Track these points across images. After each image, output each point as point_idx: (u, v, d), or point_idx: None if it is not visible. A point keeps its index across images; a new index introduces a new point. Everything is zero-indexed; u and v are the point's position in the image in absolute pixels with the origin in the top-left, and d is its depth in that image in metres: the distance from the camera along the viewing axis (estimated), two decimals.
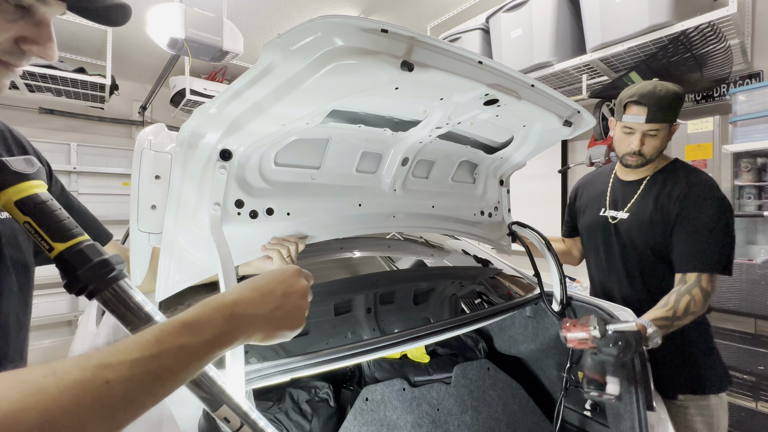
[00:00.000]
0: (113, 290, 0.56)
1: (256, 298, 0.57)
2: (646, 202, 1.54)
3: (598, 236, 1.69)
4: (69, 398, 0.37)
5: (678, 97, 1.46)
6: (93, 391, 0.38)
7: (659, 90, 1.45)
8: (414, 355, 1.73)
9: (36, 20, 0.55)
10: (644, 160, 1.54)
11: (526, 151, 1.44)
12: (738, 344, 2.14)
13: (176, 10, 2.53)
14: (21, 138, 0.81)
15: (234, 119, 0.89)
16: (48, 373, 0.38)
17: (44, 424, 0.35)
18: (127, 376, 0.40)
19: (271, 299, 0.59)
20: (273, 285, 0.60)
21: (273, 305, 0.58)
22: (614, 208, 1.65)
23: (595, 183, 1.81)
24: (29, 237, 0.57)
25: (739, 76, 2.77)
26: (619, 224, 1.60)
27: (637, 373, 1.27)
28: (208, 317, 0.51)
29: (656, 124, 1.47)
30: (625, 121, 1.52)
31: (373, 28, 0.75)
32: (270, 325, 0.58)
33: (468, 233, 1.58)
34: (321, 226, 1.22)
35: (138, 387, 0.41)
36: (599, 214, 1.68)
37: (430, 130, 1.20)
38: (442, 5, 3.64)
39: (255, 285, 0.60)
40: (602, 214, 1.67)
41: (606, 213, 1.66)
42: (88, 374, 0.38)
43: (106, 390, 0.38)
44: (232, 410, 0.59)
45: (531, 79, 1.04)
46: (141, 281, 1.05)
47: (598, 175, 1.84)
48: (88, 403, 0.37)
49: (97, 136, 5.08)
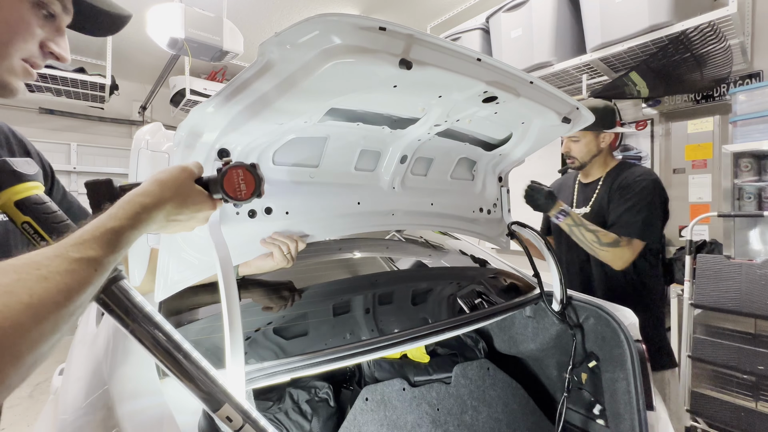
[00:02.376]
0: (111, 292, 0.56)
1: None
2: (601, 197, 1.88)
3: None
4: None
5: (594, 109, 1.70)
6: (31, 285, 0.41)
7: (582, 101, 1.69)
8: (414, 355, 1.73)
9: (57, 26, 0.65)
10: (579, 163, 1.93)
11: (525, 147, 1.44)
12: (738, 344, 2.13)
13: (176, 10, 2.53)
14: (24, 140, 0.82)
15: (231, 118, 0.89)
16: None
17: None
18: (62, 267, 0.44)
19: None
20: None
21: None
22: (579, 206, 1.99)
23: (563, 188, 2.15)
24: (26, 238, 0.57)
25: (739, 76, 2.77)
26: (585, 218, 1.87)
27: (636, 373, 1.27)
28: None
29: (577, 132, 1.74)
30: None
31: (371, 26, 0.75)
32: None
33: (467, 230, 1.58)
34: (320, 224, 1.22)
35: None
36: None
37: (428, 127, 1.19)
38: (442, 5, 3.64)
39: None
40: None
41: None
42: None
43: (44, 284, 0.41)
44: (234, 409, 0.59)
45: (530, 76, 1.04)
46: (140, 282, 1.05)
47: (565, 180, 2.19)
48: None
49: (97, 136, 5.08)
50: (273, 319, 1.27)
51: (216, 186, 0.73)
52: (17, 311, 0.38)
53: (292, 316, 1.34)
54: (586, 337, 1.48)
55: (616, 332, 1.36)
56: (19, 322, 0.37)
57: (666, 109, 3.18)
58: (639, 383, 1.26)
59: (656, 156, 3.34)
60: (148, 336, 0.57)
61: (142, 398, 0.83)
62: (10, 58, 0.60)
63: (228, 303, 0.76)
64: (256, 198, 0.77)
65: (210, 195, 0.72)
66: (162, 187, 0.62)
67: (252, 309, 1.30)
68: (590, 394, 1.49)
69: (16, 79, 0.64)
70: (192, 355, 0.60)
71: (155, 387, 0.84)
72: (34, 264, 0.42)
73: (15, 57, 0.61)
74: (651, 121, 3.36)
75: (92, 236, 0.49)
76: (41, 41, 0.63)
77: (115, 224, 0.52)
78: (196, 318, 1.27)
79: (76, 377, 1.03)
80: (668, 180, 3.18)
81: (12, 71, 0.62)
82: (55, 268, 0.43)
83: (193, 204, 0.67)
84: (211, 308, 1.23)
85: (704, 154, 2.89)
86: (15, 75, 0.63)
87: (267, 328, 1.22)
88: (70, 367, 1.22)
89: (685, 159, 2.98)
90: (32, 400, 3.31)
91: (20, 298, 0.38)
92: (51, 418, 1.11)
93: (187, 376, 0.58)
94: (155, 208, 0.59)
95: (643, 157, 3.40)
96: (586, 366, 1.46)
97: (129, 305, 0.57)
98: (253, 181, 0.75)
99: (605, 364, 1.40)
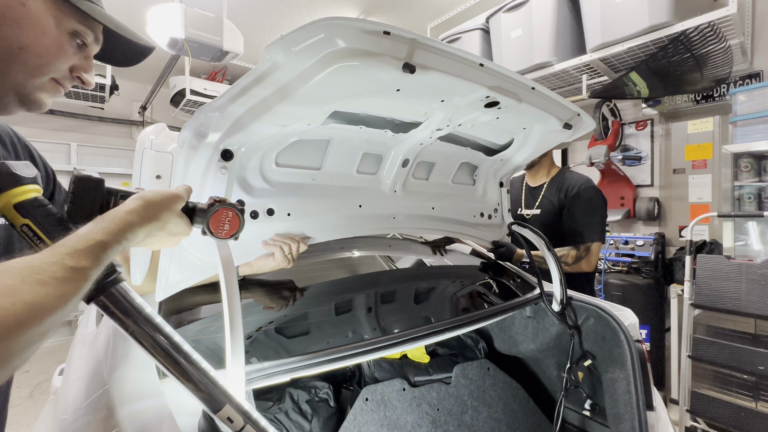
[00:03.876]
0: (111, 294, 0.56)
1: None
2: (547, 200, 2.13)
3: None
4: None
5: None
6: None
7: None
8: (414, 355, 1.73)
9: (86, 54, 0.74)
10: (528, 169, 2.22)
11: (526, 153, 1.44)
12: (738, 344, 2.14)
13: (176, 10, 2.53)
14: (28, 143, 0.84)
15: (236, 120, 0.89)
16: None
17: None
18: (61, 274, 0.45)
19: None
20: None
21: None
22: (528, 207, 2.23)
23: (514, 187, 2.34)
24: (24, 241, 0.57)
25: (739, 76, 2.78)
26: (532, 218, 2.17)
27: (637, 373, 1.27)
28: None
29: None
30: None
31: (376, 30, 0.75)
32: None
33: (467, 235, 1.58)
34: (321, 226, 1.22)
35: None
36: (518, 212, 2.26)
37: (430, 131, 1.20)
38: (442, 5, 3.64)
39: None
40: (520, 212, 2.26)
41: (522, 211, 2.25)
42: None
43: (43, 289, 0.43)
44: (235, 410, 0.60)
45: (531, 82, 1.04)
46: (141, 282, 1.05)
47: (514, 181, 2.38)
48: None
49: (97, 136, 5.08)
50: (274, 318, 1.28)
51: (201, 219, 0.76)
52: (20, 311, 0.39)
53: (293, 315, 1.34)
54: (586, 337, 1.49)
55: (616, 332, 1.37)
56: (21, 321, 0.39)
57: (666, 109, 3.18)
58: (639, 383, 1.26)
59: (656, 156, 3.35)
60: (148, 338, 0.58)
61: (143, 398, 0.83)
62: (44, 77, 0.68)
63: (229, 303, 0.76)
64: (233, 240, 0.80)
65: (191, 223, 0.75)
66: (149, 209, 0.65)
67: (253, 308, 1.30)
68: (588, 392, 1.50)
69: (46, 95, 0.71)
70: (192, 356, 0.60)
71: (155, 387, 0.84)
72: (34, 268, 0.44)
73: (48, 77, 0.69)
74: (651, 121, 3.36)
75: (84, 247, 0.50)
76: (71, 66, 0.71)
77: (104, 238, 0.54)
78: (197, 318, 1.27)
79: (76, 377, 1.03)
80: (668, 180, 3.19)
81: (44, 89, 0.70)
82: (53, 275, 0.44)
83: (172, 228, 0.71)
84: (212, 308, 1.23)
85: (704, 155, 2.90)
86: (46, 92, 0.71)
87: (269, 327, 1.23)
88: (70, 367, 1.22)
89: (685, 159, 2.99)
90: (32, 400, 3.32)
91: (24, 298, 0.40)
92: (51, 418, 1.11)
93: (188, 378, 0.59)
94: (139, 226, 0.62)
95: (643, 157, 3.40)
96: (582, 365, 1.47)
97: (129, 307, 0.57)
98: (237, 225, 0.79)
99: (605, 364, 1.40)
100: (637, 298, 2.89)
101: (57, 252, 0.48)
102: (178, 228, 0.72)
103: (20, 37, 0.63)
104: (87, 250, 0.50)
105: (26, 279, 0.42)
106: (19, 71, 0.65)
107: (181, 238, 0.76)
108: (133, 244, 0.63)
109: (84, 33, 0.71)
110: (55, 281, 0.44)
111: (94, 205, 0.64)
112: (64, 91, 0.74)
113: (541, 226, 2.07)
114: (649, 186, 3.38)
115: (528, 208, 2.23)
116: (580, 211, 2.01)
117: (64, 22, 0.68)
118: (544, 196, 2.16)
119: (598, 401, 1.47)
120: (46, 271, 0.44)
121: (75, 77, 0.73)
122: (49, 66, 0.67)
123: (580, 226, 2.00)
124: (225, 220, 0.77)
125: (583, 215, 2.01)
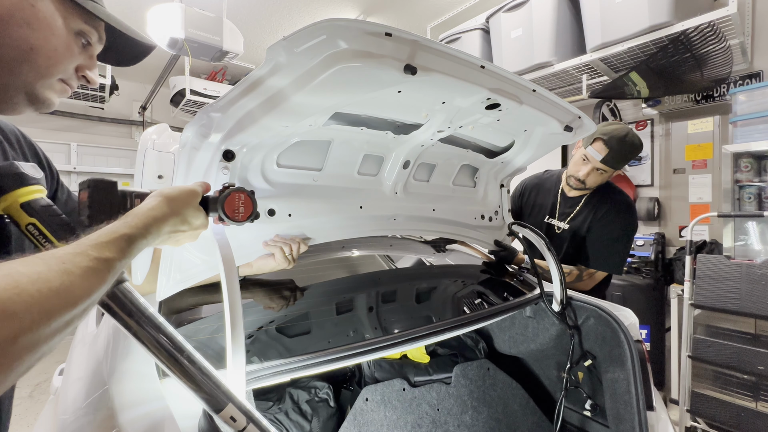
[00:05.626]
0: (114, 294, 0.56)
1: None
2: (582, 219, 1.90)
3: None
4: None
5: (636, 150, 1.73)
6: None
7: (627, 140, 1.70)
8: (414, 355, 1.74)
9: (90, 53, 0.74)
10: (583, 190, 1.89)
11: (527, 155, 1.44)
12: (738, 344, 2.14)
13: (176, 10, 2.53)
14: (34, 143, 0.85)
15: (237, 120, 0.89)
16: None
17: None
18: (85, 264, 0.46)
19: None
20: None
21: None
22: (558, 218, 2.00)
23: (542, 189, 2.11)
24: (29, 240, 0.58)
25: (739, 76, 2.78)
26: (561, 233, 1.96)
27: (637, 373, 1.27)
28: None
29: (607, 167, 1.75)
30: (587, 151, 1.77)
31: (378, 32, 0.75)
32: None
33: (468, 237, 1.59)
34: (322, 227, 1.22)
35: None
36: (544, 220, 2.03)
37: (431, 133, 1.20)
38: (442, 5, 3.64)
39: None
40: (546, 221, 2.02)
41: (549, 220, 2.02)
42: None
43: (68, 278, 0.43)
44: (237, 410, 0.60)
45: (533, 84, 1.04)
46: (142, 282, 1.05)
47: (544, 181, 2.14)
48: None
49: (97, 136, 5.08)
50: (275, 318, 1.28)
51: (216, 206, 0.78)
52: (47, 298, 0.40)
53: (293, 314, 1.34)
54: (586, 337, 1.49)
55: (616, 332, 1.37)
56: (48, 309, 0.39)
57: (666, 109, 3.18)
58: (639, 383, 1.26)
59: (656, 156, 3.35)
60: (152, 339, 0.58)
61: (143, 398, 0.83)
62: (52, 77, 0.69)
63: (230, 303, 0.76)
64: (249, 222, 0.82)
65: (206, 215, 0.78)
66: (170, 205, 0.68)
67: (253, 308, 1.31)
68: (588, 392, 1.50)
69: (54, 95, 0.72)
70: (195, 357, 0.60)
71: (155, 387, 0.84)
72: (59, 258, 0.44)
73: (56, 77, 0.70)
74: (651, 121, 3.36)
75: (109, 239, 0.52)
76: (77, 65, 0.72)
77: (129, 231, 0.55)
78: (197, 317, 1.27)
79: (76, 377, 1.03)
80: (668, 180, 3.19)
81: (52, 88, 0.71)
82: (78, 264, 0.45)
83: (193, 222, 0.74)
84: (212, 308, 1.24)
85: (704, 154, 2.90)
86: (54, 92, 0.72)
87: (269, 327, 1.23)
88: (70, 367, 1.22)
89: (685, 159, 2.99)
90: (32, 400, 3.32)
91: (51, 285, 0.41)
92: (51, 418, 1.11)
93: (191, 378, 0.59)
94: (163, 222, 0.65)
95: (643, 157, 3.40)
96: (582, 365, 1.47)
97: (132, 308, 0.57)
98: (251, 206, 0.81)
99: (605, 364, 1.40)
100: (637, 298, 2.89)
101: (81, 244, 0.49)
102: (199, 221, 0.75)
103: (31, 37, 0.64)
104: (112, 242, 0.52)
105: (53, 268, 0.42)
106: (29, 71, 0.66)
107: (200, 231, 0.78)
108: (159, 240, 0.65)
109: (89, 32, 0.72)
110: (80, 270, 0.45)
111: (113, 207, 0.66)
112: (71, 90, 0.75)
113: (569, 245, 1.92)
114: (649, 186, 3.38)
115: (558, 219, 2.00)
116: (606, 234, 1.84)
117: (71, 22, 0.69)
118: (579, 211, 1.93)
119: (598, 401, 1.47)
120: (72, 261, 0.45)
121: (80, 77, 0.75)
122: (57, 66, 0.69)
123: (598, 251, 1.84)
124: (239, 203, 0.79)
125: (606, 242, 1.83)
